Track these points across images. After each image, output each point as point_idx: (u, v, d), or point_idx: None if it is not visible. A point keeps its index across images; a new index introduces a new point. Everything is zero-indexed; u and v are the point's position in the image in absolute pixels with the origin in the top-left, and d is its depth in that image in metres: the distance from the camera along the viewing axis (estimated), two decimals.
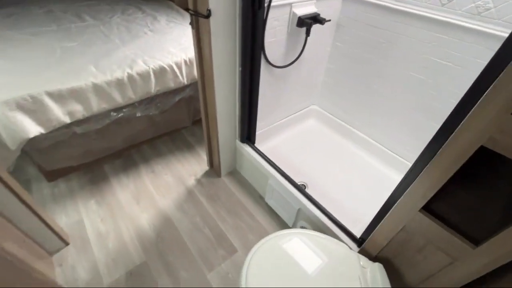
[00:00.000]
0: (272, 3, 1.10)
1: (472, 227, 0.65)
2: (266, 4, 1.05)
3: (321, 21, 1.30)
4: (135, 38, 1.69)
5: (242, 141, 1.52)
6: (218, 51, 1.10)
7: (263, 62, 1.29)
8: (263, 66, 1.32)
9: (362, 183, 1.52)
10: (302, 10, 1.27)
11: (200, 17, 1.02)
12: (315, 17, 1.30)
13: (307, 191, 1.25)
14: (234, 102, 1.36)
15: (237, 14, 1.05)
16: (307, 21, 1.27)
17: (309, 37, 1.35)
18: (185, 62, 1.55)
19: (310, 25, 1.29)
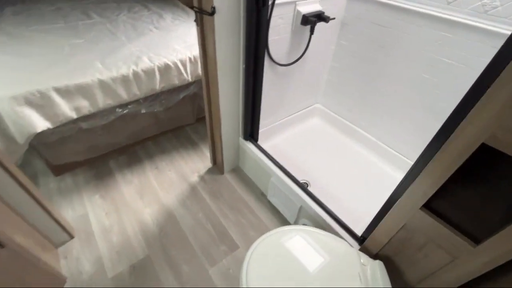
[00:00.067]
0: (277, 1, 1.10)
1: (472, 225, 0.64)
2: (270, 2, 1.06)
3: (326, 19, 1.30)
4: (141, 35, 1.71)
5: (245, 138, 1.53)
6: (222, 48, 1.11)
7: (267, 60, 1.30)
8: (267, 64, 1.32)
9: (364, 182, 1.52)
10: (307, 8, 1.27)
11: (204, 14, 1.02)
12: (320, 15, 1.30)
13: (309, 189, 1.26)
14: (237, 100, 1.36)
15: (241, 12, 1.06)
16: (312, 19, 1.27)
17: (313, 35, 1.35)
18: (190, 60, 1.56)
19: (315, 23, 1.29)
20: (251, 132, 1.50)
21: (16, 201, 1.02)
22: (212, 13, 0.98)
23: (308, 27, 1.33)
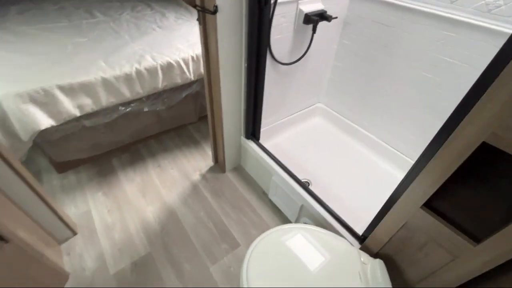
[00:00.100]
0: (279, 0, 1.10)
1: (473, 224, 0.64)
2: (272, 1, 1.06)
3: (328, 18, 1.30)
4: (144, 34, 1.72)
5: (247, 137, 1.53)
6: (224, 47, 1.11)
7: (269, 59, 1.30)
8: (269, 63, 1.32)
9: (366, 182, 1.52)
10: (309, 7, 1.27)
11: (207, 13, 1.03)
12: (322, 14, 1.30)
13: (310, 188, 1.26)
14: (239, 98, 1.37)
15: (243, 10, 1.06)
16: (314, 18, 1.27)
17: (315, 34, 1.35)
18: (192, 58, 1.57)
19: (317, 22, 1.29)
20: (252, 130, 1.50)
21: (20, 198, 1.04)
22: (215, 12, 0.99)
23: (310, 26, 1.33)
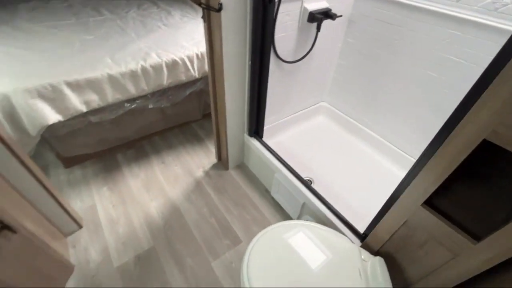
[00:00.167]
0: None
1: (473, 222, 0.64)
2: None
3: (332, 16, 1.30)
4: (150, 32, 1.74)
5: (250, 135, 1.54)
6: (228, 44, 1.12)
7: (272, 56, 1.31)
8: (273, 61, 1.33)
9: (368, 181, 1.51)
10: (313, 5, 1.28)
11: (212, 10, 1.04)
12: (327, 12, 1.30)
13: (312, 186, 1.27)
14: (243, 96, 1.38)
15: (247, 8, 1.07)
16: (318, 16, 1.27)
17: (319, 32, 1.35)
18: (197, 56, 1.58)
19: (321, 20, 1.29)
20: (256, 128, 1.51)
21: (29, 191, 1.06)
22: (219, 10, 1.00)
23: (314, 24, 1.33)
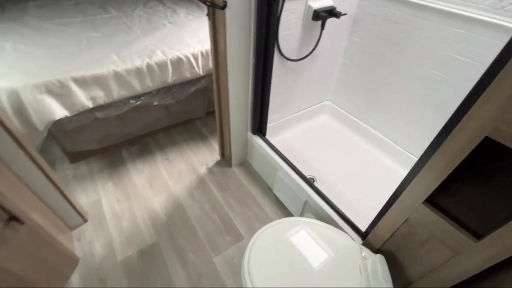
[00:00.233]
0: None
1: (474, 220, 0.64)
2: None
3: (337, 14, 1.30)
4: (155, 29, 1.76)
5: (254, 132, 1.55)
6: (232, 42, 1.13)
7: (276, 55, 1.31)
8: (277, 59, 1.33)
9: (372, 180, 1.51)
10: (318, 3, 1.27)
11: (216, 8, 1.05)
12: (331, 10, 1.30)
13: (315, 185, 1.27)
14: (246, 94, 1.38)
15: (252, 6, 1.07)
16: (323, 15, 1.27)
17: (324, 31, 1.35)
18: (202, 54, 1.60)
19: (326, 18, 1.29)
20: (259, 126, 1.52)
21: (36, 184, 1.09)
22: (224, 7, 1.01)
23: (319, 23, 1.33)
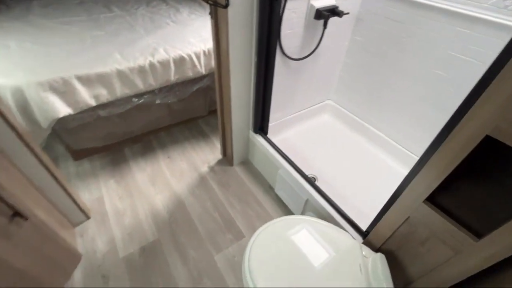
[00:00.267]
0: None
1: (475, 219, 0.64)
2: None
3: (339, 13, 1.30)
4: (158, 28, 1.77)
5: (255, 131, 1.55)
6: (235, 41, 1.13)
7: (278, 54, 1.31)
8: (279, 58, 1.34)
9: (373, 180, 1.51)
10: (320, 2, 1.27)
11: (219, 7, 1.05)
12: (334, 9, 1.30)
13: (316, 184, 1.27)
14: (248, 93, 1.39)
15: (254, 5, 1.07)
16: (325, 14, 1.27)
17: (326, 30, 1.35)
18: (204, 53, 1.60)
19: (328, 17, 1.29)
20: (261, 125, 1.52)
21: (40, 181, 1.10)
22: (226, 6, 1.01)
23: (321, 22, 1.33)
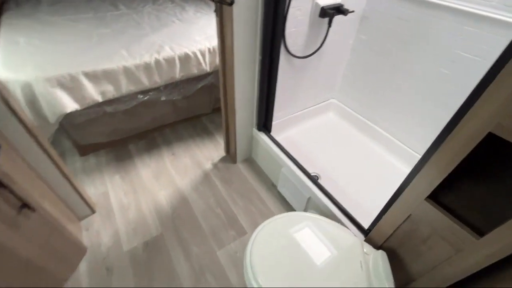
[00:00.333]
0: None
1: (476, 217, 0.64)
2: None
3: (344, 12, 1.30)
4: (164, 26, 1.78)
5: (259, 129, 1.56)
6: (239, 38, 1.14)
7: (283, 52, 1.32)
8: (283, 56, 1.34)
9: (376, 178, 1.51)
10: (325, 0, 1.27)
11: (224, 4, 1.06)
12: (339, 7, 1.30)
13: (319, 182, 1.27)
14: (252, 90, 1.40)
15: (259, 3, 1.08)
16: (330, 12, 1.27)
17: (331, 28, 1.35)
18: (209, 50, 1.61)
19: (333, 15, 1.29)
20: (264, 123, 1.53)
21: (47, 174, 1.12)
22: (231, 3, 1.02)
23: (326, 20, 1.33)
